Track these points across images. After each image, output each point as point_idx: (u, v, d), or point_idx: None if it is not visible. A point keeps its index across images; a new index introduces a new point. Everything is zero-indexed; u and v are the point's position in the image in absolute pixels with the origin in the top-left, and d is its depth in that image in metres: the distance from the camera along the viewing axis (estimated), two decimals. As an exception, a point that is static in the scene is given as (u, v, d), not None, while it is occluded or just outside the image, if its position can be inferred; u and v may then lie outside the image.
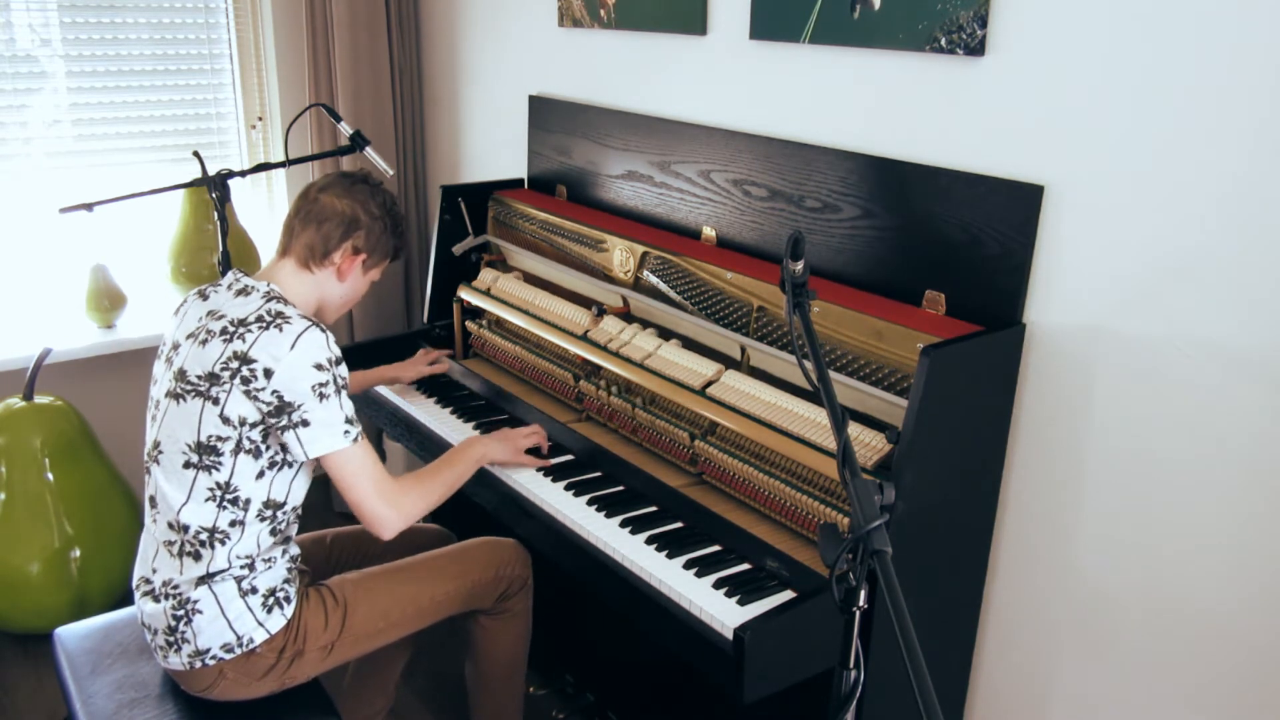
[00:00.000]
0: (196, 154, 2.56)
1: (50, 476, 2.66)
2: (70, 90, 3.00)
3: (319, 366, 1.67)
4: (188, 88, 3.19)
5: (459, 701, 2.56)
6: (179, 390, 1.71)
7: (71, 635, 1.93)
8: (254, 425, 1.67)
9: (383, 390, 2.49)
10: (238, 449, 1.69)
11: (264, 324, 1.67)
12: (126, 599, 2.78)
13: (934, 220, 1.81)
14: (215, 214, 2.51)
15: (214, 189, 2.50)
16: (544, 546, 2.00)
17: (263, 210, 3.42)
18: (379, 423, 2.54)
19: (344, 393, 1.71)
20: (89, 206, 2.43)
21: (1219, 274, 1.53)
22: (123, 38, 3.04)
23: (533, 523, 1.97)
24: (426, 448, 2.30)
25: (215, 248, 2.84)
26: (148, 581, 1.79)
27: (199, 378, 1.68)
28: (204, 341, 1.70)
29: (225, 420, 1.67)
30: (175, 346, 1.77)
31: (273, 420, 1.66)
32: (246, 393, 1.65)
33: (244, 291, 1.76)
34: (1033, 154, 1.71)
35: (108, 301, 2.99)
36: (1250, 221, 1.49)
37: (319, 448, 1.69)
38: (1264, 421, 1.52)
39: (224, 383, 1.66)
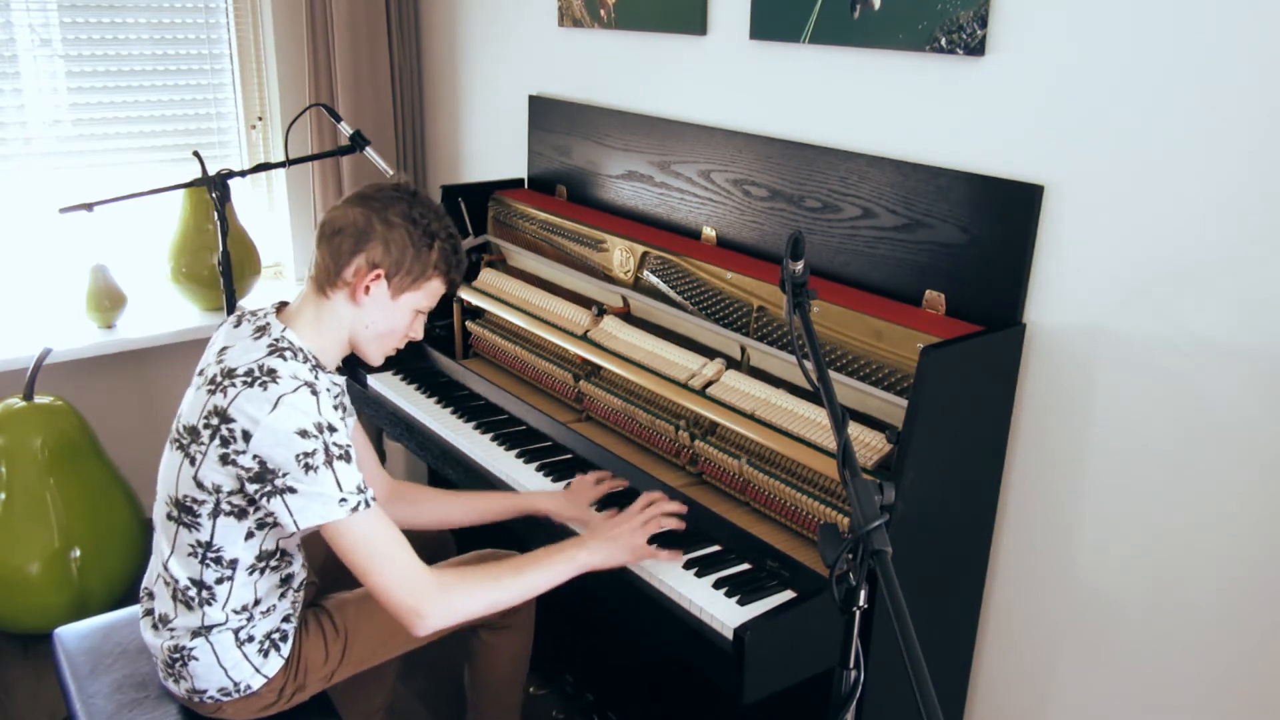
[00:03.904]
0: (196, 154, 2.56)
1: (50, 476, 2.66)
2: (70, 90, 3.00)
3: (303, 433, 1.46)
4: (188, 88, 3.19)
5: (457, 700, 2.57)
6: (173, 434, 1.61)
7: (71, 635, 1.93)
8: (233, 493, 1.53)
9: (382, 390, 2.48)
10: (216, 512, 1.56)
11: (250, 379, 1.49)
12: (126, 599, 2.78)
13: (934, 220, 1.81)
14: (215, 214, 2.52)
15: (214, 189, 2.50)
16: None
17: (263, 210, 3.42)
18: (379, 422, 2.54)
19: (340, 464, 1.48)
20: (89, 206, 2.43)
21: (1219, 274, 1.53)
22: (123, 38, 3.04)
23: (533, 523, 1.97)
24: (426, 448, 2.30)
25: (215, 248, 2.84)
26: (150, 597, 1.75)
27: (184, 429, 1.56)
28: (198, 387, 1.57)
29: (199, 485, 1.54)
30: (199, 373, 1.65)
31: (255, 486, 1.49)
32: (224, 456, 1.49)
33: (260, 332, 1.59)
34: (1033, 154, 1.71)
35: (108, 301, 2.99)
36: (1250, 221, 1.49)
37: (310, 517, 1.48)
38: (1264, 421, 1.52)
39: (202, 441, 1.51)
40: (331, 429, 1.50)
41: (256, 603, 1.67)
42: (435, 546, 2.18)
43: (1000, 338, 1.72)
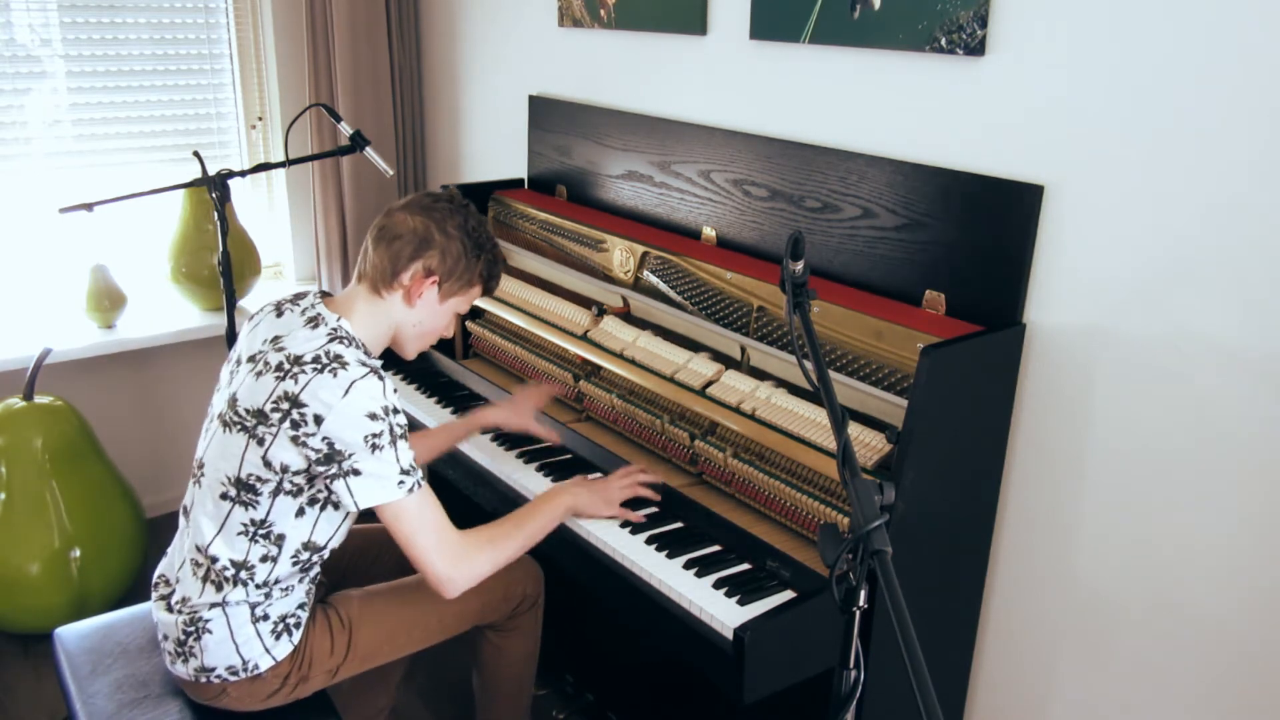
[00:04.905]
0: (196, 154, 2.56)
1: (50, 476, 2.66)
2: (70, 90, 3.00)
3: (373, 416, 1.56)
4: (188, 88, 3.19)
5: (459, 701, 2.57)
6: (229, 418, 1.64)
7: (71, 635, 1.93)
8: (298, 473, 1.61)
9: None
10: (277, 490, 1.63)
11: (319, 366, 1.58)
12: (127, 599, 2.78)
13: (934, 220, 1.81)
14: (215, 214, 2.52)
15: (214, 189, 2.50)
16: (544, 547, 1.99)
17: (263, 210, 3.42)
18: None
19: (402, 442, 1.60)
20: (89, 206, 2.43)
21: (1218, 274, 1.53)
22: (123, 38, 3.04)
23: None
24: (427, 448, 2.30)
25: (215, 248, 2.84)
26: (167, 584, 1.77)
27: (247, 411, 1.61)
28: (259, 373, 1.62)
29: (267, 464, 1.60)
30: (239, 362, 1.71)
31: (321, 468, 1.58)
32: (294, 438, 1.57)
33: (314, 322, 1.67)
34: (1033, 154, 1.71)
35: (108, 301, 2.99)
36: (1250, 221, 1.49)
37: (369, 498, 1.59)
38: (1263, 421, 1.52)
39: (272, 424, 1.58)
40: (396, 411, 1.61)
41: (277, 581, 1.71)
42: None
43: (1000, 338, 1.72)
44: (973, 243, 1.76)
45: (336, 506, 1.68)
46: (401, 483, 1.60)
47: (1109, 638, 1.78)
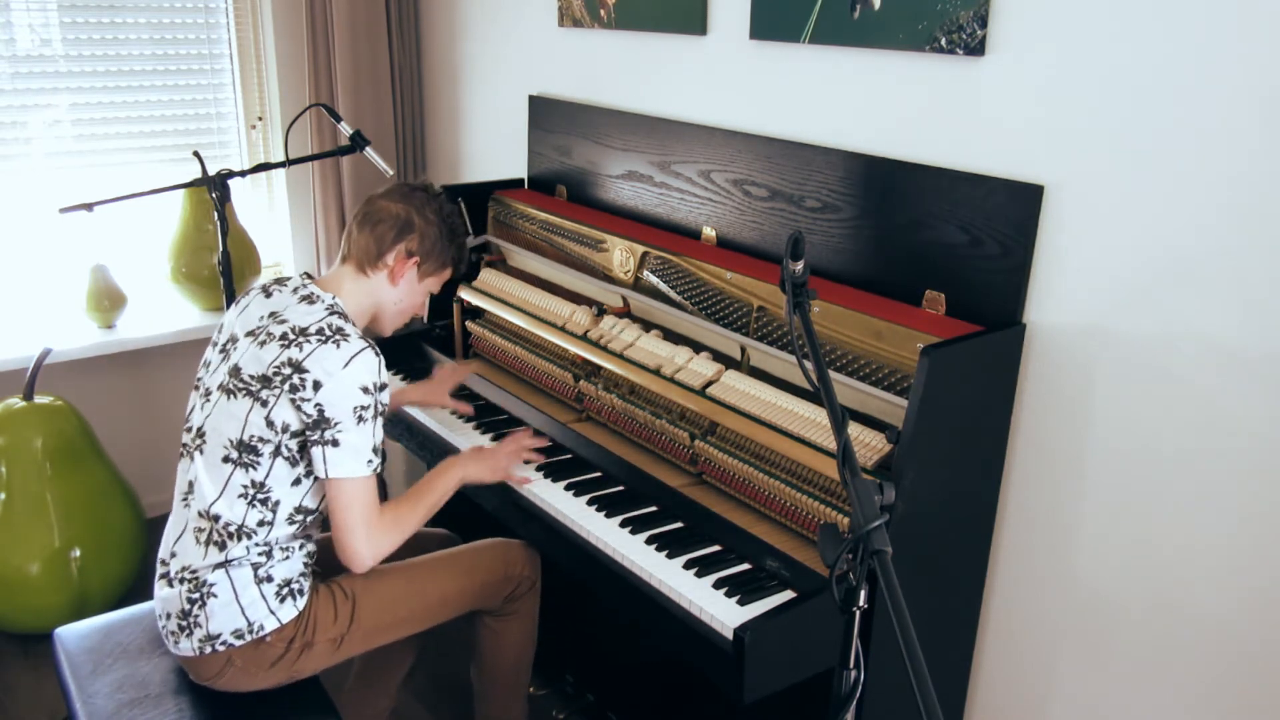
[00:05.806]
0: (196, 154, 2.56)
1: (50, 476, 2.66)
2: (70, 90, 3.00)
3: (365, 389, 1.69)
4: (188, 88, 3.19)
5: (459, 703, 2.57)
6: (231, 386, 1.74)
7: (71, 635, 1.93)
8: (294, 435, 1.71)
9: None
10: (276, 453, 1.72)
11: (323, 337, 1.70)
12: (127, 599, 2.78)
13: (934, 220, 1.81)
14: (215, 214, 2.52)
15: (214, 189, 2.50)
16: (544, 547, 2.00)
17: (263, 210, 3.42)
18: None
19: (379, 420, 1.73)
20: (89, 206, 2.43)
21: (1219, 274, 1.53)
22: (123, 38, 3.04)
23: (533, 523, 1.98)
24: (426, 447, 2.30)
25: (215, 248, 2.84)
26: (164, 564, 1.82)
27: (252, 377, 1.72)
28: (263, 343, 1.73)
29: (270, 424, 1.70)
30: (233, 340, 1.81)
31: (310, 433, 1.69)
32: (293, 400, 1.68)
33: (309, 299, 1.79)
34: (1033, 154, 1.71)
35: (108, 301, 2.99)
36: (1250, 221, 1.49)
37: (339, 470, 1.70)
38: (1264, 421, 1.52)
39: (275, 387, 1.69)
40: (383, 388, 1.74)
41: (276, 541, 1.77)
42: (439, 541, 2.20)
43: (1000, 338, 1.72)
44: (973, 243, 1.76)
45: None
46: (370, 461, 1.72)
47: (1109, 638, 1.78)
